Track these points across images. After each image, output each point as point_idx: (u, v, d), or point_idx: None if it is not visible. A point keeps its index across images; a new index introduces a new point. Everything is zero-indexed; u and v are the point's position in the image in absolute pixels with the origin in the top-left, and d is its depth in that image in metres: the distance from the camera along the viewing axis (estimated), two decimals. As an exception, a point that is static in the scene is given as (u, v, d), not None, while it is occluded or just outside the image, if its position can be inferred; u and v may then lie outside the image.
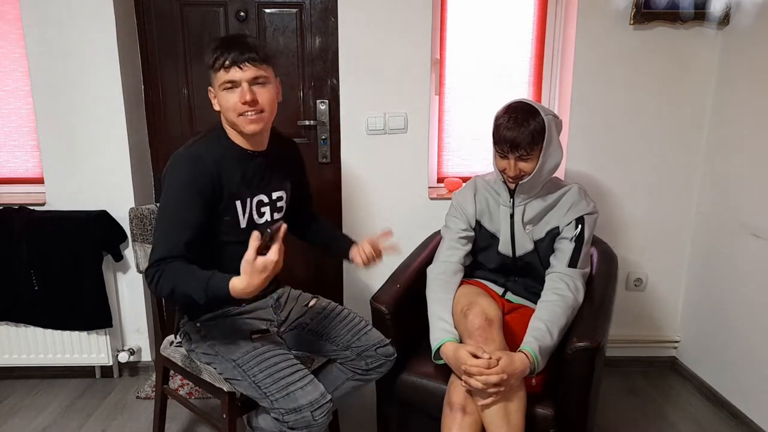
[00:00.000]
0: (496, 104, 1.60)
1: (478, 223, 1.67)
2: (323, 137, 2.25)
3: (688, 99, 2.14)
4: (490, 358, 1.32)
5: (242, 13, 2.14)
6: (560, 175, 2.17)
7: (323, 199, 2.17)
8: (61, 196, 2.13)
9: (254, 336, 1.41)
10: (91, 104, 2.06)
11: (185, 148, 1.36)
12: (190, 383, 2.13)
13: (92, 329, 2.13)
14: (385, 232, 1.55)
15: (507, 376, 1.30)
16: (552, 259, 1.58)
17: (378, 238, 1.55)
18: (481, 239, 1.69)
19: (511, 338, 1.46)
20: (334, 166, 2.27)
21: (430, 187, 2.25)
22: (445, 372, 1.47)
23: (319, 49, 2.19)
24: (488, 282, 1.70)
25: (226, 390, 1.43)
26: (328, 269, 2.38)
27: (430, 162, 2.26)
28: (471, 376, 1.32)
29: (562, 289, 1.49)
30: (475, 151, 2.32)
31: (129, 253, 2.18)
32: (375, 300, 1.60)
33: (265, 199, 1.45)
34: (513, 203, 1.60)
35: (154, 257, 1.27)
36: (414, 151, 2.18)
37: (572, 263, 1.53)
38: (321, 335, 1.54)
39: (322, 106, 2.23)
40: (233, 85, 1.30)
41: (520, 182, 1.53)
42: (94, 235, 2.05)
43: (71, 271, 2.05)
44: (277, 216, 1.49)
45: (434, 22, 2.10)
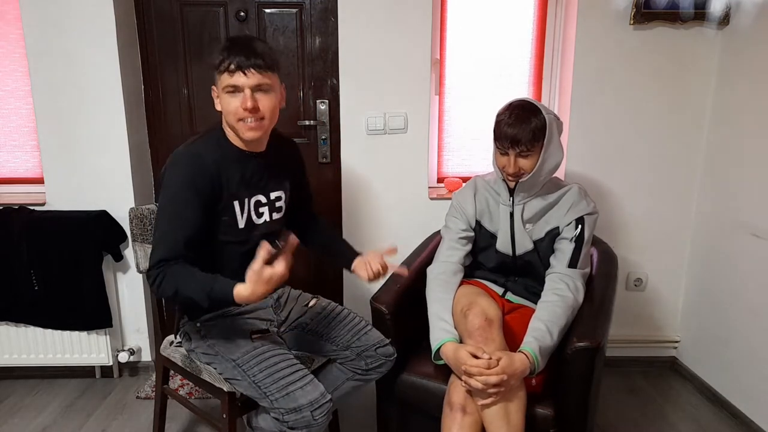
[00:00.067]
0: (496, 104, 1.60)
1: (478, 223, 1.67)
2: (323, 137, 2.26)
3: (688, 99, 2.14)
4: (490, 358, 1.32)
5: (242, 13, 2.14)
6: (560, 175, 2.17)
7: (323, 199, 2.17)
8: (61, 196, 2.13)
9: (254, 336, 1.41)
10: (91, 104, 2.06)
11: (185, 147, 1.36)
12: (190, 383, 2.13)
13: (92, 329, 2.13)
14: (390, 249, 1.48)
15: (507, 377, 1.30)
16: (552, 260, 1.58)
17: (384, 253, 1.49)
18: (481, 239, 1.69)
19: (511, 338, 1.46)
20: (334, 166, 2.27)
21: (430, 187, 2.25)
22: (445, 372, 1.47)
23: (319, 49, 2.19)
24: (488, 282, 1.70)
25: (226, 390, 1.43)
26: (328, 269, 2.38)
27: (430, 162, 2.26)
28: (471, 376, 1.32)
29: (562, 290, 1.49)
30: (475, 151, 2.32)
31: (129, 253, 2.18)
32: (375, 300, 1.60)
33: (264, 200, 1.45)
34: (513, 202, 1.61)
35: (155, 258, 1.27)
36: (414, 151, 2.18)
37: (572, 263, 1.53)
38: (321, 335, 1.54)
39: (322, 106, 2.23)
40: (236, 89, 1.30)
41: (520, 180, 1.53)
42: (94, 235, 2.05)
43: (71, 271, 2.05)
44: (276, 216, 1.49)
45: (434, 22, 2.10)
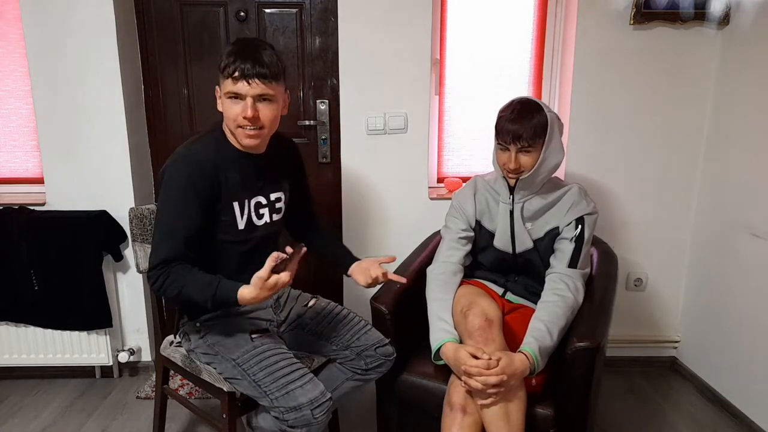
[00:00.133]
0: (496, 104, 1.60)
1: (478, 223, 1.67)
2: (323, 137, 2.25)
3: (688, 99, 2.14)
4: (490, 358, 1.32)
5: (242, 13, 2.14)
6: (560, 175, 2.17)
7: (323, 199, 2.17)
8: (61, 196, 2.13)
9: (254, 336, 1.41)
10: (91, 104, 2.06)
11: (185, 147, 1.36)
12: (190, 383, 2.13)
13: (92, 329, 2.13)
14: (388, 258, 1.52)
15: (507, 377, 1.30)
16: (552, 260, 1.58)
17: (382, 261, 1.51)
18: (481, 239, 1.68)
19: (511, 338, 1.46)
20: (334, 166, 2.27)
21: (430, 187, 2.25)
22: (445, 372, 1.47)
23: (319, 49, 2.19)
24: (488, 282, 1.70)
25: (226, 390, 1.43)
26: (328, 269, 2.37)
27: (430, 162, 2.26)
28: (471, 376, 1.32)
29: (562, 290, 1.49)
30: (475, 151, 2.32)
31: (129, 253, 2.18)
32: (375, 300, 1.60)
33: (264, 201, 1.45)
34: (513, 200, 1.60)
35: (156, 259, 1.28)
36: (414, 151, 2.17)
37: (572, 264, 1.53)
38: (321, 335, 1.54)
39: (322, 106, 2.23)
40: (238, 96, 1.29)
41: (520, 178, 1.53)
42: (94, 235, 2.05)
43: (71, 271, 2.05)
44: (276, 217, 1.49)
45: (434, 22, 2.10)
